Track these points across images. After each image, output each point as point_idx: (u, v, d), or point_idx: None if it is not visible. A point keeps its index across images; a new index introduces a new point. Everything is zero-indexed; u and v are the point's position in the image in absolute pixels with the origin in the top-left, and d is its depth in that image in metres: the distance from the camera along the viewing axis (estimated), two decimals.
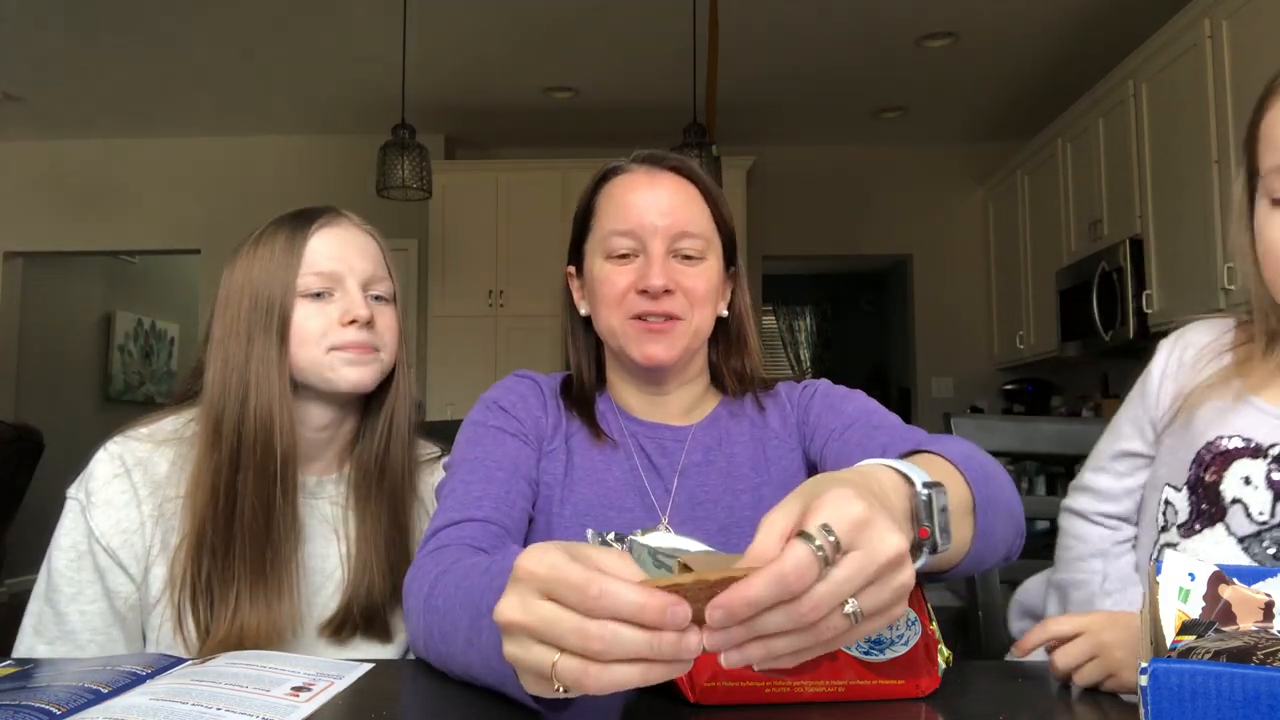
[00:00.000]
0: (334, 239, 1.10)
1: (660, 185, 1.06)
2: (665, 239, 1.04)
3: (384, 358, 1.11)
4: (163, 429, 1.09)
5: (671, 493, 1.07)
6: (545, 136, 5.73)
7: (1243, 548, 0.89)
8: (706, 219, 1.07)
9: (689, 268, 1.05)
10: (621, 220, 1.04)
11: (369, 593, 1.07)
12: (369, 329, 1.08)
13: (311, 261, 1.08)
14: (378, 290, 1.13)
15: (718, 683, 0.69)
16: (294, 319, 1.06)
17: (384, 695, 0.77)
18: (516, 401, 1.09)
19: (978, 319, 5.83)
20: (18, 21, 4.17)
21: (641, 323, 1.04)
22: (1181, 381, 1.00)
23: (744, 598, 0.52)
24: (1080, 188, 4.44)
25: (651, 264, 1.03)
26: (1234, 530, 0.90)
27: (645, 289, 1.02)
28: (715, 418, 1.13)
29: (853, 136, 5.80)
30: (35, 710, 0.67)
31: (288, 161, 5.74)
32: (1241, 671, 0.51)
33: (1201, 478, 0.92)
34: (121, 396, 6.79)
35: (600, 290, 1.06)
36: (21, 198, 5.77)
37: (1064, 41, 4.42)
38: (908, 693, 0.72)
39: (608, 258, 1.05)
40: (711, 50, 3.95)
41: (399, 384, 1.14)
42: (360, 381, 1.08)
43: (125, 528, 1.03)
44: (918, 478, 0.67)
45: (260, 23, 4.25)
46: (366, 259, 1.12)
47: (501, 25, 4.29)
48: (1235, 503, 0.90)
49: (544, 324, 5.40)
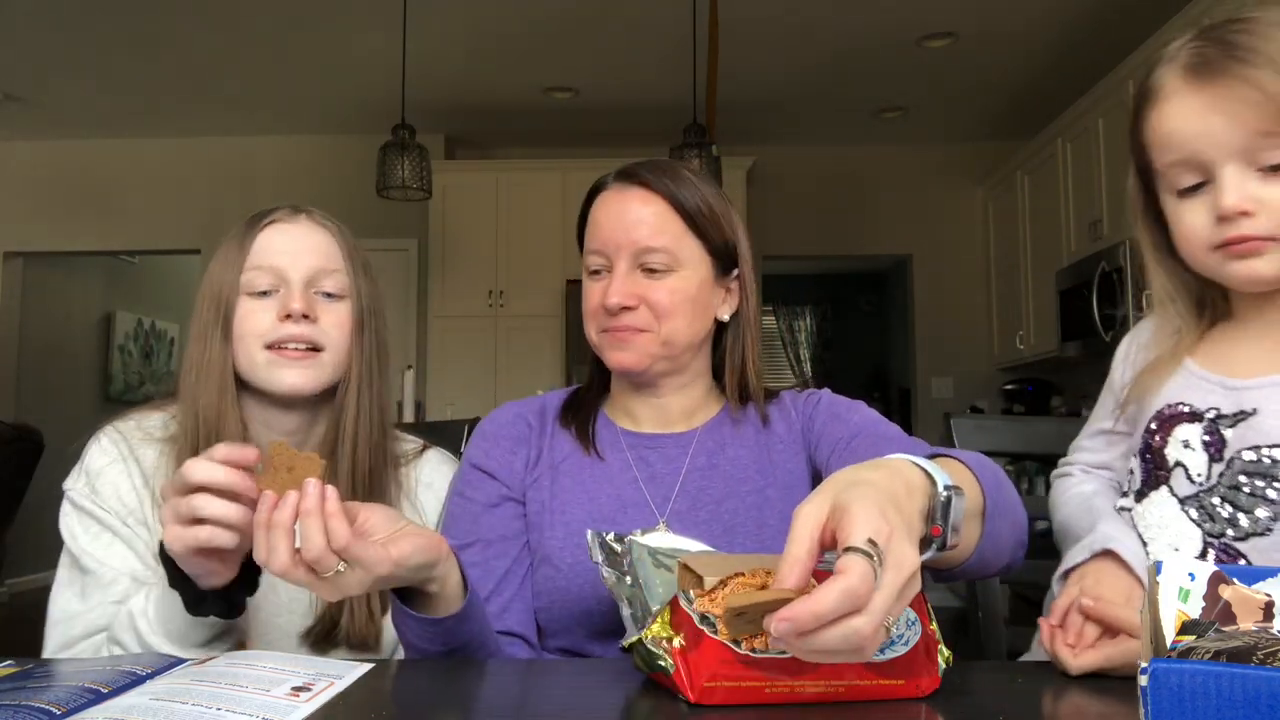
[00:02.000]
0: (283, 235, 1.08)
1: (627, 201, 1.07)
2: (629, 255, 1.05)
3: (328, 359, 1.07)
4: (149, 424, 1.09)
5: (671, 499, 1.07)
6: (545, 136, 5.73)
7: (1183, 508, 0.93)
8: (677, 231, 1.07)
9: (655, 281, 1.06)
10: (594, 238, 1.08)
11: (348, 606, 1.04)
12: (309, 324, 1.04)
13: (256, 258, 1.06)
14: (326, 287, 1.08)
15: (718, 683, 0.69)
16: (236, 316, 1.04)
17: (384, 695, 0.77)
18: (490, 450, 1.11)
19: (978, 319, 5.83)
20: (18, 21, 4.17)
21: (609, 335, 1.07)
22: (1137, 361, 1.07)
23: (812, 612, 0.57)
24: (1080, 188, 4.44)
25: (612, 281, 1.05)
26: (1176, 491, 0.94)
27: (605, 305, 1.05)
28: (719, 422, 1.13)
29: (853, 136, 5.80)
30: (35, 710, 0.67)
31: (288, 161, 5.74)
32: (1241, 671, 0.51)
33: (1150, 444, 0.97)
34: (121, 396, 6.79)
35: (583, 306, 1.11)
36: (21, 198, 5.77)
37: (1064, 41, 4.42)
38: (908, 693, 0.72)
39: (587, 273, 1.10)
40: (711, 50, 3.96)
41: (354, 385, 1.08)
42: (297, 385, 1.04)
43: (126, 500, 1.03)
44: (940, 479, 0.70)
45: (261, 23, 4.25)
46: (316, 254, 1.08)
47: (501, 26, 4.29)
48: (1177, 465, 0.94)
49: (544, 324, 5.41)
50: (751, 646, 0.70)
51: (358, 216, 5.62)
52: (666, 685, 0.72)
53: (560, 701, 0.77)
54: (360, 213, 5.48)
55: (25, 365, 5.95)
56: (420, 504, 1.16)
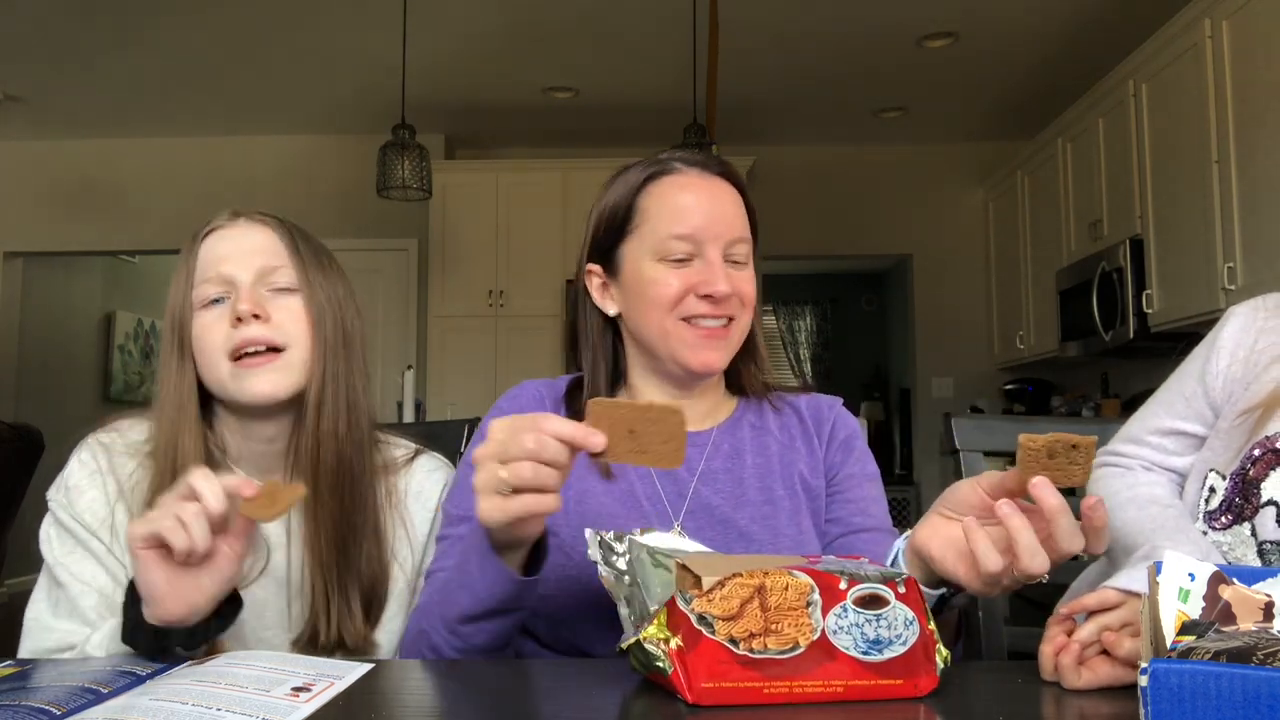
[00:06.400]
0: (223, 241, 1.06)
1: (717, 191, 1.07)
2: (722, 244, 1.05)
3: (294, 358, 1.03)
4: (134, 435, 1.08)
5: (687, 497, 1.07)
6: (545, 136, 5.73)
7: (1262, 554, 0.85)
8: (747, 224, 1.10)
9: (739, 272, 1.06)
10: (680, 223, 1.04)
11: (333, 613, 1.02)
12: (262, 324, 1.01)
13: (202, 270, 1.04)
14: (276, 282, 1.04)
15: (715, 683, 0.69)
16: (194, 331, 1.03)
17: (384, 695, 0.77)
18: None
19: (978, 319, 5.83)
20: (18, 21, 4.17)
21: (693, 327, 1.04)
22: (1250, 365, 0.92)
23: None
24: (1080, 188, 4.44)
25: (713, 269, 1.03)
26: (1259, 533, 0.86)
27: (710, 294, 1.03)
28: (734, 422, 1.13)
29: (853, 136, 5.80)
30: (35, 710, 0.67)
31: (288, 161, 5.74)
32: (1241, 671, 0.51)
33: (1246, 470, 0.88)
34: (121, 396, 6.80)
35: (650, 292, 1.05)
36: (21, 198, 5.77)
37: (1064, 41, 4.42)
38: (906, 692, 0.72)
39: (661, 260, 1.05)
40: (712, 50, 3.95)
41: (316, 381, 1.03)
42: (267, 392, 1.01)
43: (100, 515, 1.03)
44: None
45: (260, 23, 4.25)
46: (258, 253, 1.04)
47: (501, 25, 4.29)
48: (1269, 504, 0.86)
49: (544, 324, 5.41)
50: (749, 647, 0.70)
51: (358, 216, 5.63)
52: (664, 686, 0.72)
53: (560, 701, 0.77)
54: (360, 213, 5.49)
55: (25, 365, 5.95)
56: (408, 516, 1.11)
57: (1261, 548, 0.85)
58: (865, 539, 1.07)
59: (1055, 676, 0.77)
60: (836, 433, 1.13)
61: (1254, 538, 0.86)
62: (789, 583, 0.71)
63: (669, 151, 1.12)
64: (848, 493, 1.11)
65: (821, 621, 0.71)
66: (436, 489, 1.14)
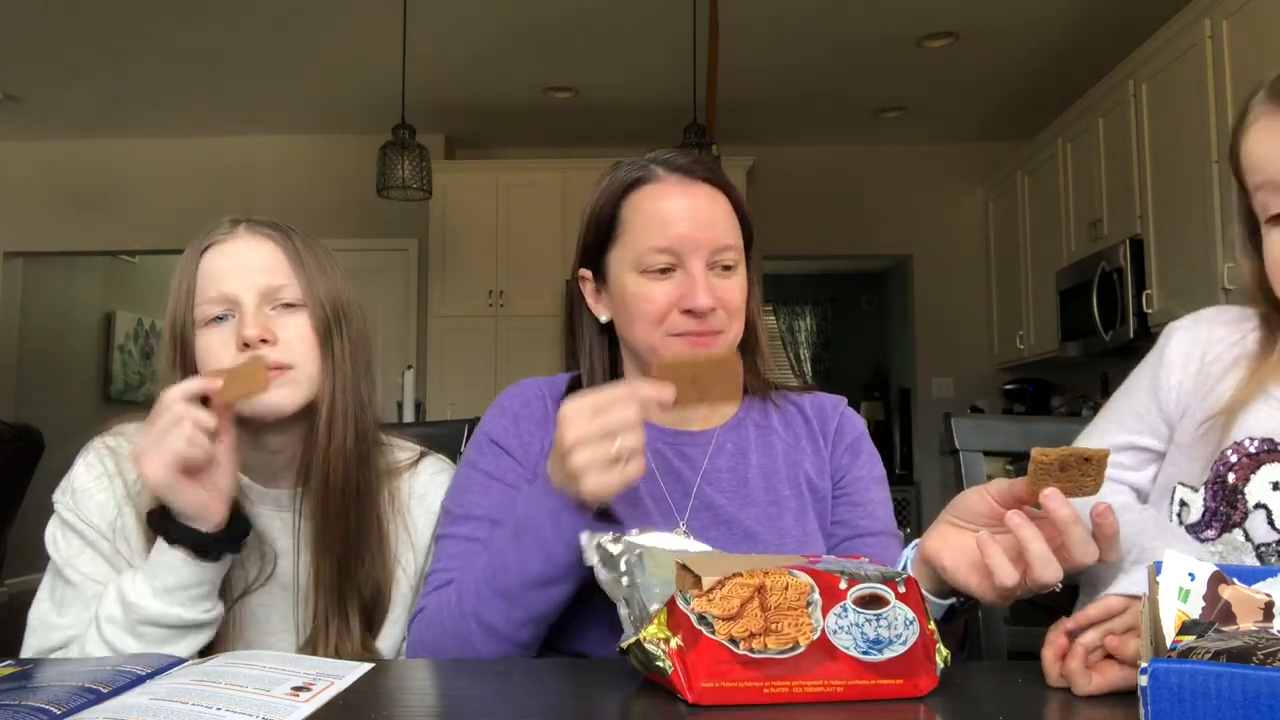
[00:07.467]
0: (224, 257, 1.04)
1: (697, 198, 1.03)
2: (705, 254, 1.02)
3: (302, 374, 1.02)
4: (135, 440, 1.06)
5: (691, 497, 1.06)
6: (545, 136, 5.73)
7: (1260, 556, 0.85)
8: (736, 228, 1.06)
9: (725, 280, 1.03)
10: (659, 235, 1.01)
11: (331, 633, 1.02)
12: (269, 347, 1.00)
13: (204, 289, 1.02)
14: (282, 299, 1.03)
15: (715, 683, 0.69)
16: (198, 351, 1.02)
17: (384, 695, 0.77)
18: (509, 427, 1.08)
19: (978, 319, 5.83)
20: (18, 21, 4.17)
21: (681, 339, 1.02)
22: (1201, 379, 0.94)
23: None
24: (1080, 188, 4.44)
25: (695, 282, 1.00)
26: (1253, 536, 0.85)
27: (691, 309, 1.00)
28: (739, 421, 1.12)
29: (853, 136, 5.80)
30: (35, 710, 0.67)
31: (288, 161, 5.74)
32: (1241, 671, 0.51)
33: (1224, 478, 0.88)
34: (121, 396, 6.80)
35: (635, 306, 1.03)
36: (21, 198, 5.77)
37: (1064, 41, 4.42)
38: (906, 692, 0.72)
39: (643, 272, 1.02)
40: (711, 50, 3.95)
41: (327, 395, 1.03)
42: (274, 406, 1.00)
43: (109, 518, 1.03)
44: None
45: (260, 23, 4.25)
46: (262, 272, 1.03)
47: (501, 25, 4.29)
48: (1259, 508, 0.85)
49: (544, 324, 5.40)
50: (750, 647, 0.70)
51: (358, 216, 5.63)
52: (664, 686, 0.72)
53: (559, 702, 0.77)
54: (360, 213, 5.49)
55: (25, 365, 5.95)
56: (412, 520, 1.11)
57: (1259, 551, 0.85)
58: (871, 543, 1.06)
59: (1062, 683, 0.76)
60: (844, 434, 1.12)
61: (1249, 542, 0.86)
62: (789, 583, 0.71)
63: (655, 152, 1.09)
64: (855, 496, 1.10)
65: (821, 621, 0.71)
66: (440, 492, 1.13)
